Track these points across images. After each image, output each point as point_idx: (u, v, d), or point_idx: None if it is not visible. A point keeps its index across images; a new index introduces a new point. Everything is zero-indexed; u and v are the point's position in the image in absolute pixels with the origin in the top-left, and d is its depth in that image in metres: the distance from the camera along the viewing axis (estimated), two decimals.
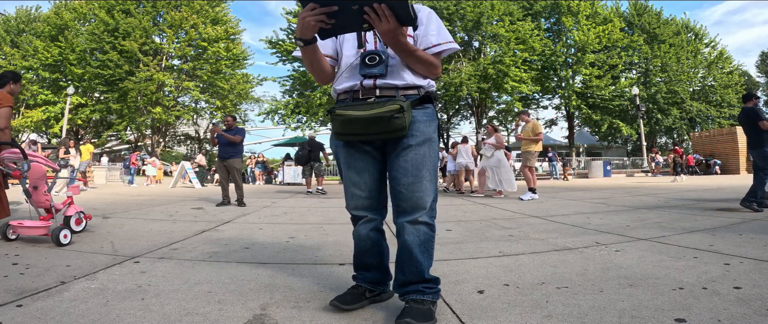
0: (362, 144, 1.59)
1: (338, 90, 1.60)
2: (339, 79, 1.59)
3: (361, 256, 1.66)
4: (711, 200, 6.05)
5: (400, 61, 1.52)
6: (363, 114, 1.46)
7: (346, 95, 1.58)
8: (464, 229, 3.70)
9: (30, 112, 21.98)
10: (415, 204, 1.51)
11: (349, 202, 1.65)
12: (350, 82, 1.56)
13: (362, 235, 1.63)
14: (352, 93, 1.56)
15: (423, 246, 1.52)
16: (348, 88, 1.56)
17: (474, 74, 21.01)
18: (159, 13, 23.40)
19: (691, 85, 27.87)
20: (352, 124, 1.49)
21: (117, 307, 1.64)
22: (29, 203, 3.28)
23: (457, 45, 1.64)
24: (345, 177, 1.64)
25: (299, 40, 1.41)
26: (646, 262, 2.30)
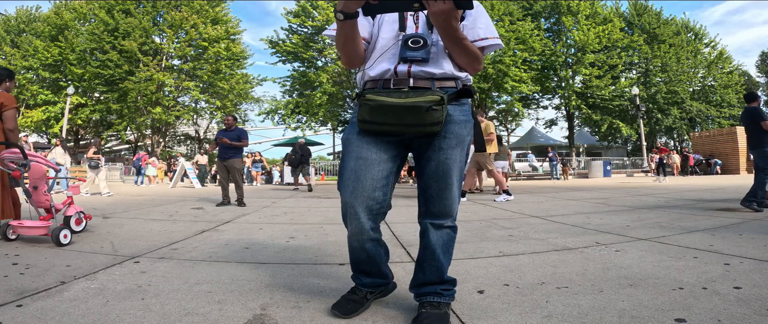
0: (384, 135, 1.45)
1: (369, 75, 1.47)
2: (372, 63, 1.47)
3: (358, 264, 1.59)
4: (711, 200, 6.05)
5: (441, 49, 1.43)
6: (398, 101, 1.35)
7: (374, 83, 1.47)
8: (464, 229, 3.70)
9: (30, 112, 21.98)
10: (442, 210, 1.49)
11: (345, 197, 1.47)
12: (385, 65, 1.43)
13: (355, 248, 1.53)
14: (382, 80, 1.44)
15: (445, 247, 1.52)
16: (380, 73, 1.44)
17: (474, 74, 21.00)
18: (159, 13, 23.39)
19: (691, 85, 27.87)
20: (384, 111, 1.36)
21: (117, 307, 1.64)
22: (29, 203, 3.28)
23: (502, 43, 1.59)
24: (348, 169, 1.47)
25: (340, 12, 1.26)
26: (646, 262, 2.30)
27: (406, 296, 1.71)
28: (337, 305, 1.57)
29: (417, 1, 1.22)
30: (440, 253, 1.50)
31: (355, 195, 1.44)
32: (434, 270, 1.50)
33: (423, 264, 1.53)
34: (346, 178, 1.47)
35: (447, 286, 1.52)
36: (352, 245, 1.53)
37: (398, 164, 1.53)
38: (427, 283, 1.51)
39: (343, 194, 1.47)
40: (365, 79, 1.49)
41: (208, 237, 3.41)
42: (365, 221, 1.45)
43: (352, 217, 1.46)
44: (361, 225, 1.46)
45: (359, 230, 1.47)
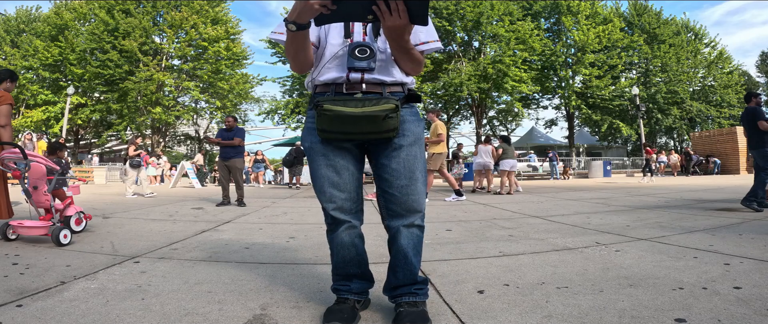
0: (342, 141, 1.48)
1: (319, 81, 1.48)
2: (321, 69, 1.48)
3: (345, 266, 1.54)
4: (711, 200, 6.05)
5: (389, 56, 1.45)
6: (355, 111, 1.37)
7: (326, 87, 1.48)
8: (464, 229, 3.70)
9: (30, 112, 21.97)
10: (410, 207, 1.48)
11: (327, 204, 1.50)
12: (334, 73, 1.45)
13: (346, 243, 1.51)
14: (334, 86, 1.46)
15: (415, 249, 1.51)
16: (331, 80, 1.46)
17: (474, 74, 21.01)
18: (159, 13, 23.38)
19: (691, 85, 27.87)
20: (342, 121, 1.39)
21: (117, 307, 1.64)
22: (29, 203, 3.28)
23: (441, 44, 1.62)
24: (320, 176, 1.50)
25: (292, 23, 1.25)
26: (646, 262, 2.30)
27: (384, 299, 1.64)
28: (332, 316, 1.47)
29: (371, 13, 1.22)
30: (412, 256, 1.50)
31: (334, 200, 1.49)
32: (407, 273, 1.50)
33: (396, 268, 1.51)
34: (322, 186, 1.51)
35: (420, 285, 1.52)
36: (342, 240, 1.51)
37: (362, 165, 1.58)
38: (400, 285, 1.52)
39: (324, 202, 1.51)
40: (315, 83, 1.51)
41: (208, 237, 3.41)
42: (351, 218, 1.52)
43: (335, 220, 1.50)
44: (349, 221, 1.51)
45: (348, 225, 1.51)
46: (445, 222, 4.21)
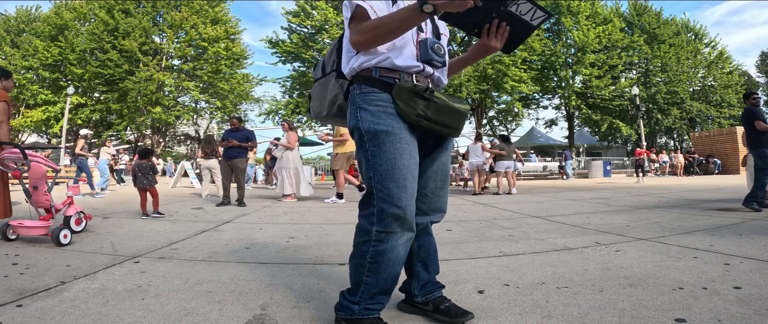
0: (430, 133, 1.41)
1: (396, 64, 1.37)
2: (393, 50, 1.37)
3: (389, 282, 1.38)
4: (711, 200, 6.05)
5: (447, 63, 1.50)
6: (457, 106, 1.40)
7: (393, 73, 1.38)
8: (464, 229, 3.70)
9: (30, 112, 21.97)
10: (440, 207, 1.54)
11: (402, 202, 1.30)
12: (410, 61, 1.39)
13: (401, 258, 1.37)
14: (414, 75, 1.40)
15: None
16: (406, 66, 1.38)
17: (473, 75, 21.01)
18: (159, 13, 23.38)
19: (691, 85, 27.87)
20: (447, 113, 1.37)
21: (117, 307, 1.64)
22: (29, 203, 3.28)
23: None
24: (403, 166, 1.31)
25: (432, 5, 1.18)
26: (646, 262, 2.30)
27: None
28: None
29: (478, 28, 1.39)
30: (436, 250, 1.59)
31: (413, 197, 1.35)
32: (436, 266, 1.58)
33: (427, 263, 1.56)
34: (401, 178, 1.31)
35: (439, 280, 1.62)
36: (399, 255, 1.35)
37: None
38: (432, 280, 1.57)
39: (395, 200, 1.30)
40: (386, 65, 1.37)
41: (208, 237, 3.41)
42: (413, 225, 1.38)
43: (405, 221, 1.33)
44: (413, 230, 1.38)
45: (409, 237, 1.38)
46: (445, 222, 4.21)
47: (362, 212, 1.36)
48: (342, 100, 1.51)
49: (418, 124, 1.34)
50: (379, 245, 1.32)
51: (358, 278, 1.36)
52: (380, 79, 1.37)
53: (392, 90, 1.35)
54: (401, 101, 1.33)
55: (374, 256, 1.32)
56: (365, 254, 1.33)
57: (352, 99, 1.40)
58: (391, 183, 1.30)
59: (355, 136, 1.40)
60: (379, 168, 1.31)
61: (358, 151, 1.41)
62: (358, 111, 1.37)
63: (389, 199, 1.30)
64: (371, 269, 1.33)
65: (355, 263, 1.37)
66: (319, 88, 1.60)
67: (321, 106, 1.59)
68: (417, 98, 1.33)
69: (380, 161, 1.32)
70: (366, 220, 1.34)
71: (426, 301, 1.54)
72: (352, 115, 1.39)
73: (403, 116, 1.33)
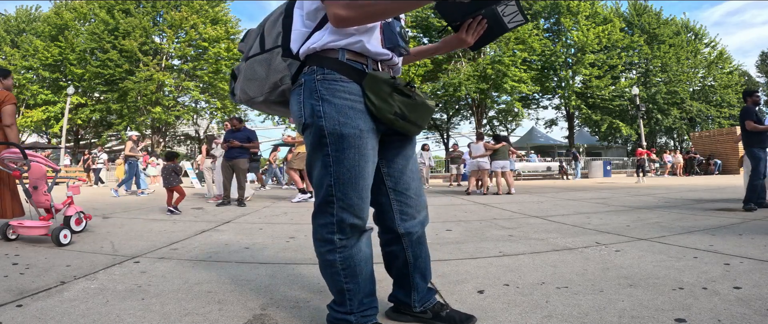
0: (396, 134, 1.28)
1: (369, 50, 1.22)
2: (370, 35, 1.22)
3: (368, 283, 1.31)
4: (711, 200, 6.05)
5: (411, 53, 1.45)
6: (430, 103, 1.26)
7: (361, 58, 1.23)
8: (464, 229, 3.70)
9: (30, 112, 21.98)
10: (424, 204, 1.43)
11: (358, 211, 1.21)
12: (380, 48, 1.25)
13: (367, 255, 1.30)
14: (382, 65, 1.28)
15: None
16: (377, 54, 1.24)
17: (473, 74, 21.01)
18: (159, 13, 23.40)
19: (691, 85, 27.89)
20: (423, 111, 1.25)
21: (117, 307, 1.64)
22: (29, 203, 3.28)
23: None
24: (365, 175, 1.21)
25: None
26: (646, 262, 2.30)
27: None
28: None
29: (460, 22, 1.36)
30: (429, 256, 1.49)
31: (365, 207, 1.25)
32: (430, 273, 1.48)
33: (425, 273, 1.44)
34: (363, 188, 1.22)
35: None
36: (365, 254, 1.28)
37: None
38: (428, 288, 1.47)
39: (352, 209, 1.21)
40: (356, 48, 1.21)
41: (208, 237, 3.41)
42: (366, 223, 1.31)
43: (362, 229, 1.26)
44: (370, 227, 1.31)
45: (368, 233, 1.31)
46: (445, 222, 4.21)
47: (319, 221, 1.23)
48: (288, 85, 1.27)
49: (391, 124, 1.21)
50: (345, 251, 1.23)
51: (339, 287, 1.26)
52: (348, 64, 1.20)
53: (363, 80, 1.19)
54: (375, 95, 1.18)
55: (344, 261, 1.24)
56: (334, 262, 1.24)
57: (307, 85, 1.20)
58: (352, 192, 1.19)
59: (311, 133, 1.21)
60: (341, 176, 1.18)
61: (313, 151, 1.22)
62: (319, 103, 1.18)
63: (349, 209, 1.20)
64: (348, 275, 1.25)
65: (329, 273, 1.27)
66: (257, 66, 1.31)
67: (258, 89, 1.31)
68: (395, 93, 1.20)
69: (343, 169, 1.18)
70: (325, 230, 1.23)
71: (424, 309, 1.44)
72: (307, 105, 1.20)
73: (374, 113, 1.18)
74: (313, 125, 1.19)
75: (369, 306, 1.30)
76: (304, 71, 1.23)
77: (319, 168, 1.21)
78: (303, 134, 1.25)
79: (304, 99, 1.21)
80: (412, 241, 1.39)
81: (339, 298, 1.29)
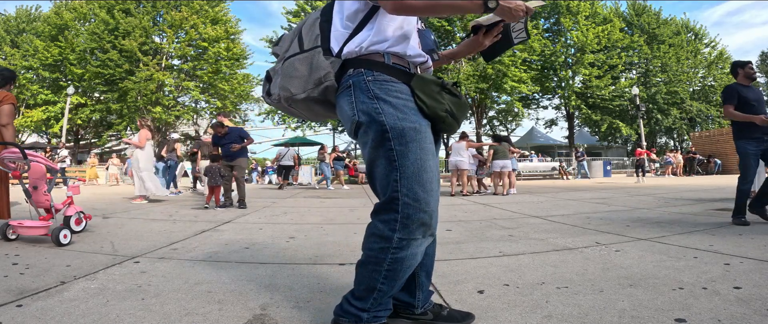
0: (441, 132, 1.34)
1: (411, 55, 1.28)
2: (409, 39, 1.28)
3: (399, 288, 1.31)
4: (711, 200, 6.05)
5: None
6: (466, 102, 1.32)
7: (401, 61, 1.27)
8: (464, 229, 3.70)
9: (30, 112, 21.98)
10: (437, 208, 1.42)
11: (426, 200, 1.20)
12: (419, 51, 1.32)
13: (418, 261, 1.28)
14: (411, 65, 1.30)
15: None
16: (416, 56, 1.31)
17: (473, 74, 21.03)
18: (159, 13, 23.39)
19: (691, 85, 27.89)
20: (465, 110, 1.32)
21: (117, 307, 1.64)
22: (29, 203, 3.28)
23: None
24: (430, 168, 1.21)
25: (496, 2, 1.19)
26: (646, 262, 2.30)
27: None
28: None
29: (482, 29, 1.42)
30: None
31: (438, 201, 1.27)
32: (432, 271, 1.48)
33: (429, 271, 1.45)
34: (428, 181, 1.21)
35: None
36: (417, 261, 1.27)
37: None
38: (430, 289, 1.47)
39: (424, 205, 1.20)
40: (398, 51, 1.26)
41: (208, 237, 3.41)
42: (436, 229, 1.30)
43: (430, 227, 1.24)
44: (435, 233, 1.30)
45: (431, 240, 1.29)
46: (445, 222, 4.21)
47: (382, 217, 1.21)
48: (332, 82, 1.27)
49: (443, 121, 1.24)
50: (399, 252, 1.20)
51: (371, 285, 1.23)
52: (395, 67, 1.24)
53: (411, 81, 1.23)
54: (426, 95, 1.22)
55: (393, 263, 1.21)
56: (382, 261, 1.21)
57: (358, 85, 1.22)
58: (418, 187, 1.19)
59: (371, 131, 1.21)
60: (406, 170, 1.18)
61: (375, 149, 1.22)
62: (376, 102, 1.20)
63: (417, 204, 1.18)
64: (388, 277, 1.22)
65: (370, 270, 1.23)
66: (299, 64, 1.31)
67: (300, 86, 1.29)
68: (444, 92, 1.25)
69: (408, 162, 1.18)
70: (387, 227, 1.19)
71: (424, 310, 1.43)
72: (362, 105, 1.21)
73: (426, 111, 1.22)
74: (372, 123, 1.20)
75: (385, 307, 1.29)
76: (349, 73, 1.25)
77: (383, 166, 1.20)
78: (355, 135, 1.25)
79: (355, 99, 1.22)
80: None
81: (363, 294, 1.25)
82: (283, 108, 1.38)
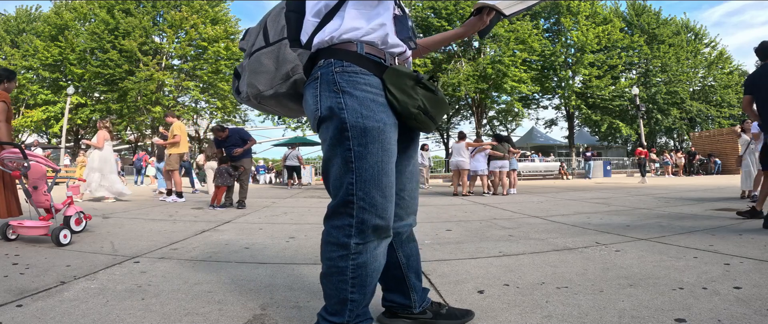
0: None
1: (390, 43, 1.19)
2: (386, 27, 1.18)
3: (372, 295, 1.25)
4: (711, 200, 6.05)
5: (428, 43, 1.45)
6: (445, 98, 1.22)
7: (378, 51, 1.17)
8: (464, 229, 3.70)
9: (30, 112, 21.99)
10: (413, 210, 1.37)
11: (384, 206, 1.13)
12: (396, 40, 1.21)
13: (382, 264, 1.21)
14: (389, 55, 1.20)
15: None
16: (395, 46, 1.21)
17: (473, 74, 21.03)
18: (159, 13, 23.42)
19: (691, 85, 27.91)
20: (443, 107, 1.20)
21: (117, 307, 1.64)
22: (29, 203, 3.28)
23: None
24: (388, 171, 1.13)
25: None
26: (646, 262, 2.30)
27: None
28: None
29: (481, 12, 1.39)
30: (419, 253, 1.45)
31: (393, 204, 1.18)
32: (421, 270, 1.44)
33: (418, 272, 1.41)
34: (387, 186, 1.13)
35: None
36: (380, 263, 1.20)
37: None
38: (424, 287, 1.44)
39: (385, 206, 1.13)
40: (373, 39, 1.17)
41: (208, 237, 3.41)
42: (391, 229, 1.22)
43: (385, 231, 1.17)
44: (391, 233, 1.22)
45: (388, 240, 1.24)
46: (445, 222, 4.21)
47: (335, 223, 1.13)
48: (300, 75, 1.17)
49: (415, 118, 1.15)
50: (360, 257, 1.13)
51: (342, 296, 1.14)
52: (368, 57, 1.15)
53: (383, 73, 1.14)
54: (398, 89, 1.13)
55: (356, 270, 1.13)
56: (345, 270, 1.13)
57: (325, 77, 1.13)
58: (376, 191, 1.11)
59: (330, 128, 1.12)
60: (363, 173, 1.09)
61: (332, 147, 1.13)
62: (340, 95, 1.10)
63: (373, 209, 1.11)
64: (356, 285, 1.14)
65: (335, 281, 1.14)
66: (265, 59, 1.20)
67: (267, 82, 1.19)
68: (419, 87, 1.15)
69: (366, 165, 1.10)
70: (341, 233, 1.12)
71: (423, 309, 1.41)
72: (325, 98, 1.12)
73: (396, 107, 1.13)
74: (332, 118, 1.11)
75: (364, 317, 1.21)
76: (319, 64, 1.16)
77: (338, 165, 1.12)
78: (318, 130, 1.17)
79: (321, 92, 1.13)
80: (402, 240, 1.35)
81: (337, 308, 1.17)
82: (254, 105, 1.28)
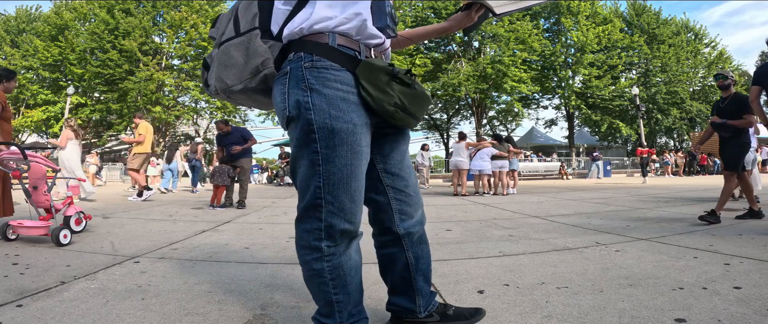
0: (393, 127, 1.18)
1: (366, 33, 1.12)
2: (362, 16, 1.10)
3: (359, 292, 1.19)
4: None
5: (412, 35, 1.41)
6: (427, 93, 1.14)
7: (352, 43, 1.11)
8: (464, 229, 3.70)
9: (30, 112, 21.98)
10: (420, 203, 1.32)
11: (352, 210, 1.09)
12: (374, 30, 1.14)
13: (358, 263, 1.18)
14: (364, 46, 1.13)
15: None
16: (373, 37, 1.14)
17: (473, 74, 21.03)
18: (159, 13, 23.41)
19: (691, 85, 27.90)
20: (424, 102, 1.13)
21: (117, 307, 1.64)
22: (29, 203, 3.28)
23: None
24: (358, 176, 1.09)
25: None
26: (646, 262, 2.30)
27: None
28: None
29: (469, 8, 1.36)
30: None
31: (361, 206, 1.15)
32: (430, 274, 1.38)
33: (427, 275, 1.34)
34: (357, 190, 1.10)
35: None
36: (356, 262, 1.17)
37: None
38: (430, 291, 1.38)
39: (354, 211, 1.10)
40: (347, 30, 1.09)
41: (208, 237, 3.41)
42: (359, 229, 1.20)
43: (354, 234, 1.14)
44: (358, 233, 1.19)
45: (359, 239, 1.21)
46: (445, 222, 4.21)
47: (305, 227, 1.10)
48: (271, 70, 1.10)
49: (390, 116, 1.08)
50: (334, 259, 1.10)
51: (327, 298, 1.13)
52: (340, 49, 1.08)
53: (356, 68, 1.07)
54: (372, 86, 1.06)
55: (334, 271, 1.11)
56: (322, 272, 1.10)
57: (293, 73, 1.07)
58: (344, 195, 1.07)
59: (297, 128, 1.07)
60: (331, 176, 1.05)
61: (299, 147, 1.08)
62: (308, 93, 1.04)
63: (342, 213, 1.07)
64: (337, 286, 1.12)
65: (316, 283, 1.12)
66: (234, 51, 1.12)
67: (236, 76, 1.11)
68: (394, 82, 1.08)
69: (333, 168, 1.05)
70: (311, 236, 1.09)
71: (429, 313, 1.36)
72: (293, 96, 1.06)
73: (370, 105, 1.07)
74: (299, 118, 1.05)
75: (359, 317, 1.18)
76: (289, 58, 1.10)
77: (305, 167, 1.08)
78: (287, 129, 1.12)
79: (289, 89, 1.07)
80: (414, 241, 1.29)
81: (326, 310, 1.15)
82: (222, 99, 1.23)
